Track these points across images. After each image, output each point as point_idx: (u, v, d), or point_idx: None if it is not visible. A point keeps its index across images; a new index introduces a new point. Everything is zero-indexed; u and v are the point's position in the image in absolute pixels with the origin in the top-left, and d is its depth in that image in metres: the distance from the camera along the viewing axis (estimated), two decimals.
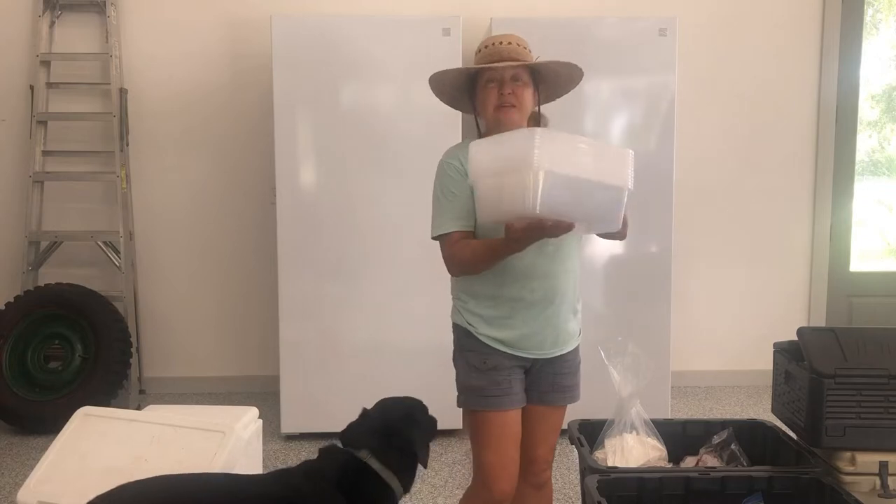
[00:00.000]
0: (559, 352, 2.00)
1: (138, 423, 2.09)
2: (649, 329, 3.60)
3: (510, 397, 1.96)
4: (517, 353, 1.96)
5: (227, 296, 4.22)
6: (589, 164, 1.66)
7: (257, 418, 2.47)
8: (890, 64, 4.48)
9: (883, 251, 4.70)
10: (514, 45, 1.90)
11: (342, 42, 3.43)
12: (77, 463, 2.01)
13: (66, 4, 4.03)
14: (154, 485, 1.73)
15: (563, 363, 2.02)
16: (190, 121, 4.12)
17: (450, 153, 1.98)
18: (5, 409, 3.69)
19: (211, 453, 1.94)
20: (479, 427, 1.99)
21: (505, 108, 1.89)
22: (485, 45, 1.92)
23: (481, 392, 1.96)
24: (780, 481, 2.10)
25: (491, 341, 1.96)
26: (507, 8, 3.98)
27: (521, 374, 1.99)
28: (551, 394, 2.03)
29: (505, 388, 1.95)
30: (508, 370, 1.96)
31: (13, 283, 4.04)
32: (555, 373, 2.01)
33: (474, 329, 1.97)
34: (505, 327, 1.95)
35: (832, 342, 2.22)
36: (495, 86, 1.89)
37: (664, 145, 3.58)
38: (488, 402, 1.96)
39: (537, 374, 2.01)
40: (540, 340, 1.96)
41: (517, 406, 1.98)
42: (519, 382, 1.98)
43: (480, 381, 1.96)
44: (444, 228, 1.92)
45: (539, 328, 1.95)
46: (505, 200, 1.66)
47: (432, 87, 2.01)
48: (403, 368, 3.42)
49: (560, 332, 1.98)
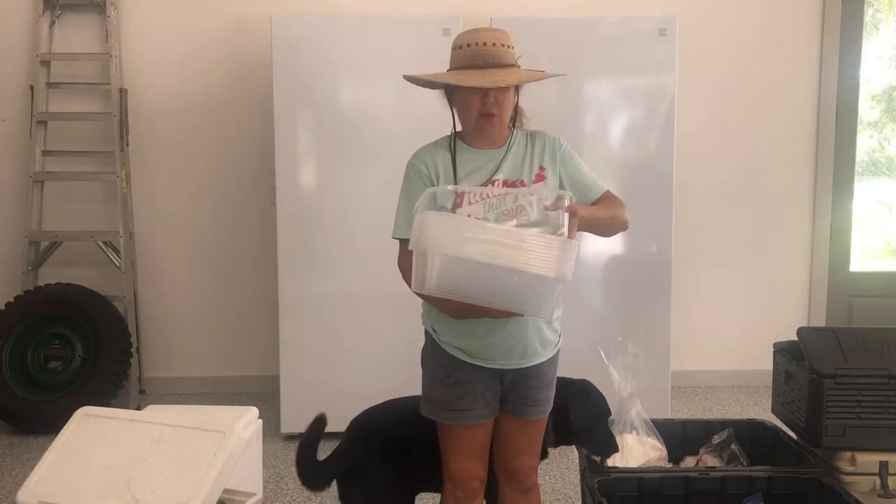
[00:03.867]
0: (531, 362, 1.89)
1: (138, 423, 2.09)
2: (649, 329, 3.60)
3: (474, 412, 1.89)
4: (482, 363, 1.87)
5: (228, 296, 4.21)
6: (504, 252, 1.60)
7: (257, 418, 2.47)
8: (890, 64, 4.48)
9: (883, 251, 4.70)
10: (499, 47, 1.79)
11: (342, 42, 3.43)
12: (77, 463, 2.01)
13: (66, 4, 4.03)
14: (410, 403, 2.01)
15: (539, 376, 1.92)
16: (190, 121, 4.12)
17: (417, 155, 1.92)
18: (5, 409, 3.69)
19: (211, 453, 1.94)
20: (444, 436, 1.95)
21: (487, 116, 1.81)
22: (466, 44, 1.81)
23: (445, 405, 1.90)
24: (780, 481, 2.10)
25: (454, 350, 1.88)
26: (507, 8, 3.98)
27: (491, 384, 1.90)
28: (526, 407, 1.93)
29: (468, 403, 1.88)
30: (474, 384, 1.88)
31: (13, 283, 4.04)
32: (529, 385, 1.91)
33: (437, 335, 1.92)
34: (468, 336, 1.86)
35: (832, 342, 2.23)
36: (479, 93, 1.79)
37: (664, 145, 3.58)
38: (452, 416, 1.90)
39: (512, 384, 1.91)
40: (506, 351, 1.86)
41: (483, 420, 1.91)
42: (489, 394, 1.90)
43: (444, 395, 1.90)
44: (398, 233, 1.87)
45: (504, 338, 1.85)
46: (416, 274, 1.67)
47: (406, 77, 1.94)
48: (404, 368, 3.41)
49: (529, 342, 1.87)
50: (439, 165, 1.86)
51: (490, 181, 1.82)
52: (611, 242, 3.60)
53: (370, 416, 2.19)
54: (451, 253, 1.61)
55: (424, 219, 1.63)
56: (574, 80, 3.49)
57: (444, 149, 1.90)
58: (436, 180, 1.85)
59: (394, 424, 2.14)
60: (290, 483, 3.10)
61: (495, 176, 1.83)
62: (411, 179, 1.89)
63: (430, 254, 1.62)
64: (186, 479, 1.89)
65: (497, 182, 1.82)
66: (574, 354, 2.90)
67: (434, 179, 1.85)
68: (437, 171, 1.86)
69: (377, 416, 2.18)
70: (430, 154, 1.90)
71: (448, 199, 1.80)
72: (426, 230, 1.62)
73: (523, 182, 1.82)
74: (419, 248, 1.63)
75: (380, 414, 2.19)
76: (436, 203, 1.76)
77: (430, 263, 1.63)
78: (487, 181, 1.83)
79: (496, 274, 1.61)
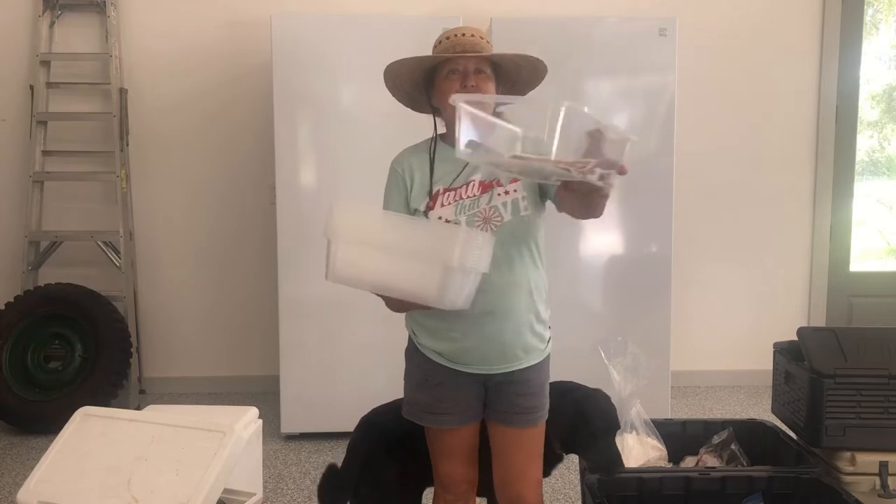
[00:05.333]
0: (512, 368, 1.84)
1: (138, 423, 2.09)
2: (649, 329, 3.60)
3: (455, 416, 1.87)
4: (460, 367, 1.85)
5: (228, 296, 4.22)
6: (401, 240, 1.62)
7: (257, 418, 2.47)
8: (890, 64, 4.47)
9: (883, 251, 4.70)
10: (477, 38, 1.80)
11: (342, 42, 3.43)
12: (77, 463, 2.01)
13: (66, 4, 4.03)
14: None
15: (524, 382, 1.86)
16: (190, 120, 4.12)
17: (397, 157, 1.91)
18: (5, 409, 3.69)
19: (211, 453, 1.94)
20: (429, 439, 1.94)
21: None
22: (445, 37, 1.82)
23: (425, 408, 1.89)
24: (780, 481, 2.10)
25: (432, 354, 1.87)
26: (507, 8, 3.98)
27: (475, 389, 1.87)
28: (513, 415, 1.86)
29: (448, 406, 1.86)
30: (454, 388, 1.86)
31: (13, 283, 4.04)
32: (515, 392, 1.85)
33: (416, 339, 1.91)
34: (445, 339, 1.84)
35: (832, 342, 2.23)
36: (458, 78, 1.78)
37: (664, 145, 3.58)
38: (433, 419, 1.89)
39: (495, 390, 1.87)
40: (482, 356, 1.83)
41: (466, 423, 1.89)
42: (472, 398, 1.87)
43: (423, 397, 1.90)
44: None
45: (479, 343, 1.81)
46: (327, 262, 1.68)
47: (386, 79, 1.92)
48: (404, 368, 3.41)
49: (508, 348, 1.82)
50: (415, 167, 1.86)
51: (466, 182, 1.81)
52: (611, 242, 3.60)
53: (378, 414, 2.19)
54: (349, 240, 1.63)
55: (332, 208, 1.65)
56: (574, 81, 3.50)
57: (424, 151, 1.89)
58: (409, 182, 1.85)
59: (401, 422, 2.14)
60: (290, 483, 3.10)
61: (472, 177, 1.81)
62: (389, 181, 1.90)
63: (332, 242, 1.65)
64: (186, 479, 1.89)
65: (473, 183, 1.80)
66: (574, 354, 2.92)
67: (409, 181, 1.85)
68: (412, 173, 1.85)
69: (385, 414, 2.18)
70: (407, 156, 1.90)
71: (421, 201, 1.81)
72: (332, 219, 1.64)
73: (500, 182, 1.80)
74: (326, 235, 1.66)
75: (387, 412, 2.19)
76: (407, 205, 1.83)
77: (333, 251, 1.65)
78: (464, 183, 1.81)
79: (393, 262, 1.61)
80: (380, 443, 2.11)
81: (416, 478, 2.13)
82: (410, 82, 1.91)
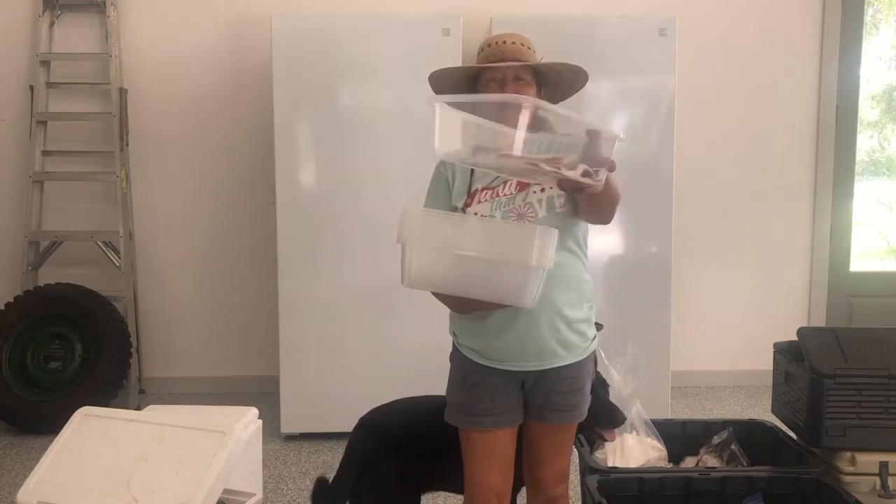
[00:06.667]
0: (548, 365, 1.83)
1: (138, 423, 2.09)
2: (649, 329, 3.60)
3: (492, 417, 1.85)
4: (497, 365, 1.84)
5: (228, 296, 4.22)
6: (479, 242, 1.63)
7: (257, 418, 2.47)
8: (890, 64, 4.47)
9: (883, 251, 4.70)
10: (518, 45, 1.84)
11: (342, 42, 3.43)
12: (77, 463, 2.00)
13: (66, 4, 4.03)
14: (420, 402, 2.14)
15: (561, 380, 1.85)
16: (190, 120, 4.12)
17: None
18: (5, 409, 3.69)
19: (211, 453, 1.94)
20: (464, 443, 1.90)
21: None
22: (487, 45, 1.87)
23: (462, 409, 1.88)
24: (780, 481, 2.10)
25: (470, 353, 1.87)
26: (507, 8, 3.98)
27: (512, 389, 1.86)
28: (548, 411, 1.87)
29: (486, 408, 1.84)
30: (493, 387, 1.84)
31: (13, 283, 4.04)
32: (550, 389, 1.85)
33: (456, 339, 1.92)
34: (480, 335, 1.85)
35: (832, 342, 2.22)
36: (497, 86, 1.82)
37: (664, 145, 3.58)
38: (470, 420, 1.87)
39: (532, 388, 1.87)
40: (519, 351, 1.81)
41: (504, 426, 1.87)
42: (509, 399, 1.86)
43: (462, 398, 1.88)
44: None
45: (515, 338, 1.80)
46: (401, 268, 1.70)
47: (432, 85, 1.97)
48: (404, 368, 3.42)
49: (545, 343, 1.81)
50: (458, 168, 1.88)
51: (504, 181, 1.83)
52: (611, 243, 3.60)
53: (377, 414, 2.20)
54: (425, 245, 1.65)
55: (403, 214, 1.67)
56: None
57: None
58: (452, 180, 1.89)
59: (400, 422, 2.15)
60: (290, 483, 3.10)
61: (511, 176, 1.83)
62: (433, 180, 1.94)
63: (407, 247, 1.67)
64: (186, 479, 1.89)
65: (511, 182, 1.82)
66: None
67: (451, 179, 1.89)
68: (454, 173, 1.89)
69: (384, 415, 2.19)
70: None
71: (461, 199, 1.84)
72: (403, 224, 1.66)
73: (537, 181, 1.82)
74: (400, 242, 1.68)
75: (387, 413, 2.20)
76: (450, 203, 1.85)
77: (408, 257, 1.67)
78: (503, 182, 1.83)
79: (472, 265, 1.63)
80: (379, 443, 2.10)
81: (415, 478, 2.13)
82: (454, 87, 1.94)
